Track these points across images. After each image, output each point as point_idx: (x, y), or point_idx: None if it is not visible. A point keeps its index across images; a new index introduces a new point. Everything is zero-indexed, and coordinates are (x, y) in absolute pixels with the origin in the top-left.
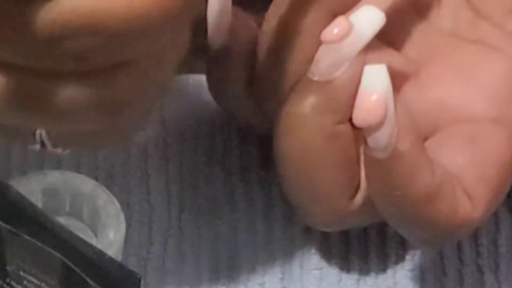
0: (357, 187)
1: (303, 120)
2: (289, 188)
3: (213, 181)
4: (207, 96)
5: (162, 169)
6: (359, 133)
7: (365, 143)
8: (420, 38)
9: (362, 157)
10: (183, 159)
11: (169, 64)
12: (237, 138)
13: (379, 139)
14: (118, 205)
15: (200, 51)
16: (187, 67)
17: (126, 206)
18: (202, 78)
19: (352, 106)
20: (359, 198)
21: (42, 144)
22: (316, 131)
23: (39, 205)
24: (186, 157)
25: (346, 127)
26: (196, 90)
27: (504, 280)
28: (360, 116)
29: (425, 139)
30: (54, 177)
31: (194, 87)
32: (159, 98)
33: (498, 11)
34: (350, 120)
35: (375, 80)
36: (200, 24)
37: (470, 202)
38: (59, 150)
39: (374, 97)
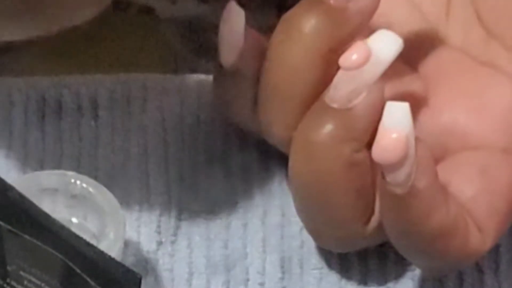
0: (372, 212)
1: (321, 149)
2: (303, 211)
3: (213, 181)
4: (207, 96)
5: (162, 169)
6: (378, 166)
7: (383, 177)
8: (430, 53)
9: (378, 187)
10: (183, 159)
11: None
12: (237, 138)
13: (398, 176)
14: (118, 205)
15: (201, 51)
16: (188, 66)
17: (126, 206)
18: (202, 78)
19: (370, 133)
20: (373, 223)
21: None
22: (335, 160)
23: (39, 205)
24: (186, 157)
25: (363, 154)
26: (196, 90)
27: (504, 279)
28: (380, 154)
29: (435, 163)
30: (54, 177)
31: (194, 87)
32: None
33: (510, 31)
34: (367, 146)
35: (397, 118)
36: (199, 26)
37: (480, 234)
38: None
39: (395, 136)
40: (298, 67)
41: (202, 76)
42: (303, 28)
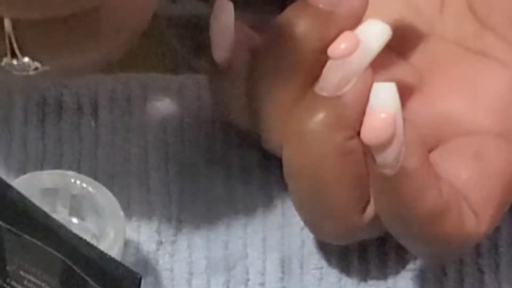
0: (368, 200)
1: (313, 137)
2: (300, 204)
3: (213, 181)
4: (207, 96)
5: (162, 169)
6: (368, 149)
7: (373, 160)
8: (423, 44)
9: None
10: (183, 159)
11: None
12: (237, 138)
13: (387, 156)
14: (118, 205)
15: (201, 51)
16: (188, 66)
17: (126, 206)
18: (202, 78)
19: (361, 120)
20: (369, 211)
21: (13, 54)
22: (328, 148)
23: (39, 205)
24: (186, 157)
25: (356, 142)
26: (196, 90)
27: (504, 280)
28: (369, 134)
29: (429, 151)
30: (54, 177)
31: (194, 87)
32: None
33: (502, 22)
34: (359, 135)
35: (384, 98)
36: (199, 25)
37: (475, 218)
38: (32, 63)
39: (382, 116)
40: (289, 70)
41: (202, 76)
42: (293, 32)
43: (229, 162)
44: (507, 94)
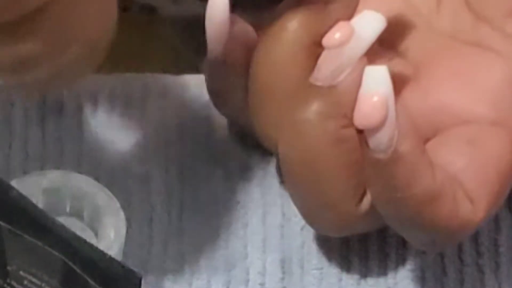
0: (364, 190)
1: (309, 127)
2: (296, 195)
3: (213, 181)
4: (207, 96)
5: (162, 169)
6: (361, 134)
7: (366, 145)
8: (420, 40)
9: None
10: (183, 159)
11: (85, 12)
12: (237, 138)
13: (380, 140)
14: (118, 205)
15: (201, 50)
16: (188, 66)
17: (126, 206)
18: (202, 78)
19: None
20: (366, 202)
21: None
22: (322, 137)
23: (39, 205)
24: (186, 157)
25: (351, 131)
26: (196, 90)
27: (504, 280)
28: (361, 117)
29: (426, 141)
30: (54, 177)
31: (194, 87)
32: (90, 54)
33: (497, 14)
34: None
35: (376, 81)
36: (201, 25)
37: (470, 204)
38: None
39: (375, 99)
40: (285, 63)
41: (202, 76)
42: (287, 25)
43: (229, 162)
44: (503, 84)
